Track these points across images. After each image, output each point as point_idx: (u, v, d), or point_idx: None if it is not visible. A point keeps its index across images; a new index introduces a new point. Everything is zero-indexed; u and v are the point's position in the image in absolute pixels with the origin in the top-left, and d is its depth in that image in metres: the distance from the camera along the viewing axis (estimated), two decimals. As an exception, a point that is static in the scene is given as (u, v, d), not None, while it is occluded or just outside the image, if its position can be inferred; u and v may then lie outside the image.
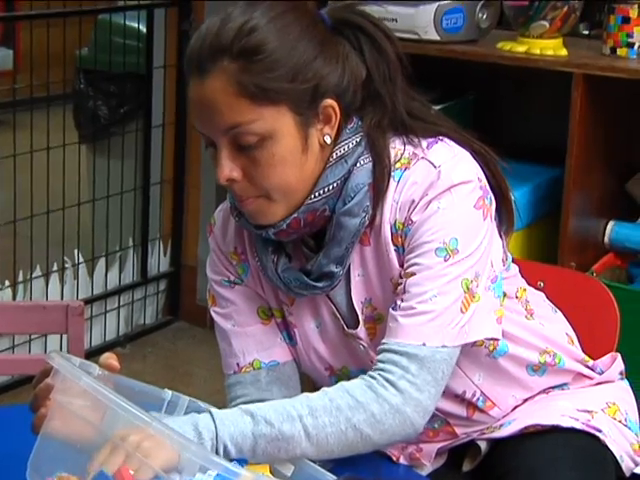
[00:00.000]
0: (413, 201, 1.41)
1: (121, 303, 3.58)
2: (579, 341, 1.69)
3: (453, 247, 1.40)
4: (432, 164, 1.42)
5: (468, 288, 1.41)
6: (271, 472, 1.32)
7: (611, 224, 2.77)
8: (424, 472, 1.56)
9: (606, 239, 2.77)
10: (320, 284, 1.45)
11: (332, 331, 1.51)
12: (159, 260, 3.71)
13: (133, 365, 3.31)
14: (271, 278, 1.48)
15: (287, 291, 1.48)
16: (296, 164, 1.40)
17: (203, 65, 1.36)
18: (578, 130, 2.52)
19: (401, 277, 1.43)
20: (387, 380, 1.37)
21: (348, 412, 1.35)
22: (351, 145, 1.43)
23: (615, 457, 1.56)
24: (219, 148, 1.38)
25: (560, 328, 1.65)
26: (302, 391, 1.51)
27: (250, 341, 1.53)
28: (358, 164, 1.43)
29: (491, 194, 1.46)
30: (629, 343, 1.92)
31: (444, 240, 1.40)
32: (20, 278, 3.25)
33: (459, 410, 1.56)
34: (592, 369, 1.68)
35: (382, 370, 1.38)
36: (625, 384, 1.72)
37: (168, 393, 1.41)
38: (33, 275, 3.27)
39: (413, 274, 1.40)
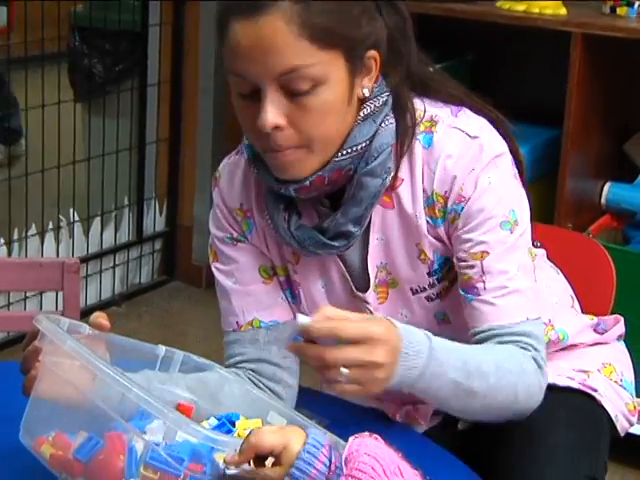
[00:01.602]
0: (455, 176, 1.40)
1: (116, 262, 3.57)
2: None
3: (514, 219, 1.42)
4: (467, 134, 1.41)
5: (532, 256, 1.44)
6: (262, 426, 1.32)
7: (608, 185, 2.77)
8: (420, 430, 1.56)
9: (603, 200, 2.77)
10: (336, 243, 1.43)
11: (339, 292, 1.51)
12: (155, 220, 3.70)
13: (129, 324, 3.31)
14: (283, 236, 1.46)
15: (300, 249, 1.46)
16: (341, 115, 1.38)
17: (258, 4, 1.31)
18: (577, 91, 2.51)
19: (459, 260, 1.42)
20: (533, 357, 1.39)
21: (518, 378, 1.37)
22: (378, 104, 1.41)
23: (610, 417, 1.57)
24: (265, 94, 1.33)
25: (564, 288, 1.65)
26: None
27: (250, 300, 1.52)
28: (383, 124, 1.41)
29: None
30: (624, 304, 1.92)
31: (505, 213, 1.41)
32: (15, 236, 3.24)
33: None
34: (594, 329, 1.68)
35: (519, 344, 1.39)
36: (621, 345, 1.73)
37: (162, 349, 1.40)
38: (28, 233, 3.26)
39: (486, 253, 1.40)
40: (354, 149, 1.39)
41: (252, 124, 1.36)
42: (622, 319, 1.73)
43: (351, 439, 1.11)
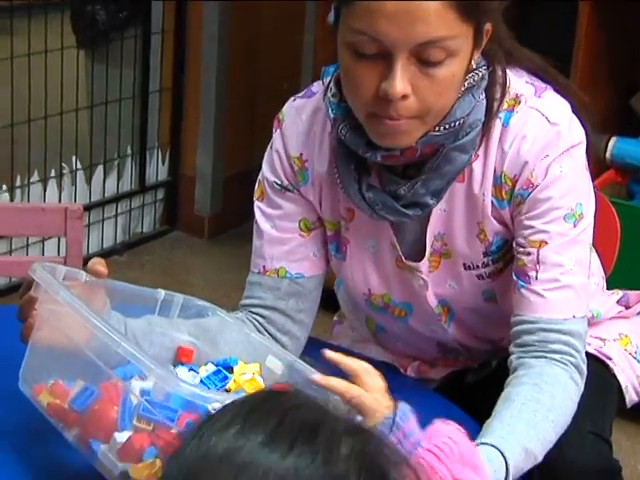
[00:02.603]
0: (527, 162, 1.39)
1: (119, 211, 3.57)
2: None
3: (579, 212, 1.40)
4: (547, 119, 1.39)
5: (591, 250, 1.43)
6: (260, 370, 1.32)
7: (613, 140, 2.75)
8: (431, 385, 1.58)
9: (608, 155, 2.75)
10: (409, 212, 1.42)
11: (387, 259, 1.51)
12: (157, 169, 3.68)
13: (130, 273, 3.31)
14: (352, 196, 1.44)
15: (370, 212, 1.44)
16: (459, 87, 1.36)
17: None
18: (584, 45, 2.49)
19: (518, 244, 1.41)
20: (574, 365, 1.39)
21: (569, 416, 1.37)
22: (477, 77, 1.38)
23: (620, 387, 1.58)
24: (397, 60, 1.29)
25: (599, 270, 1.65)
26: (317, 306, 1.55)
27: (283, 249, 1.51)
28: (479, 99, 1.39)
29: None
30: (627, 259, 1.92)
31: (571, 206, 1.40)
32: (17, 183, 3.23)
33: (488, 349, 1.59)
34: (619, 303, 1.69)
35: (563, 354, 1.39)
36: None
37: (161, 293, 1.40)
38: (31, 180, 3.25)
39: (545, 242, 1.39)
40: (452, 125, 1.37)
41: (367, 86, 1.32)
42: None
43: (437, 421, 1.12)
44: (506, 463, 1.24)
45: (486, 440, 1.25)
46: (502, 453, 1.24)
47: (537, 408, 1.32)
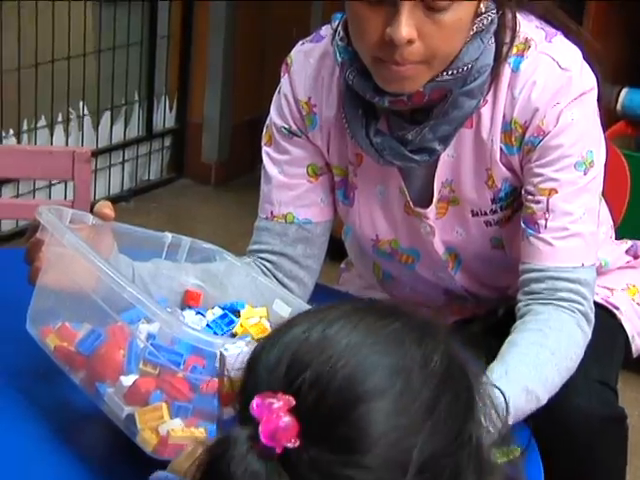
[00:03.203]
0: (538, 108, 1.37)
1: (126, 158, 3.56)
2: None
3: (590, 160, 1.39)
4: (558, 64, 1.38)
5: (600, 200, 1.42)
6: (268, 314, 1.32)
7: (624, 91, 2.73)
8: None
9: (618, 106, 2.73)
10: (417, 157, 1.41)
11: (394, 204, 1.50)
12: (164, 116, 3.67)
13: (137, 220, 3.27)
14: (359, 142, 1.44)
15: (377, 157, 1.43)
16: (466, 32, 1.34)
17: None
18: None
19: (527, 192, 1.40)
20: (582, 313, 1.39)
21: (574, 362, 1.36)
22: (486, 21, 1.36)
23: (627, 337, 1.58)
24: (402, 5, 1.28)
25: (607, 218, 1.64)
26: (325, 253, 1.54)
27: (290, 194, 1.51)
28: (487, 44, 1.37)
29: None
30: (636, 210, 1.92)
31: (582, 154, 1.38)
32: (24, 127, 3.21)
33: (494, 297, 1.59)
34: (626, 251, 1.68)
35: (571, 301, 1.38)
36: None
37: (168, 236, 1.40)
38: (38, 125, 3.23)
39: (554, 191, 1.38)
40: (460, 69, 1.35)
41: (373, 31, 1.31)
42: None
43: None
44: (505, 401, 1.24)
45: None
46: (501, 391, 1.24)
47: (541, 351, 1.32)
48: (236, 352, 0.80)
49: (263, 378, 0.74)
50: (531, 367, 1.29)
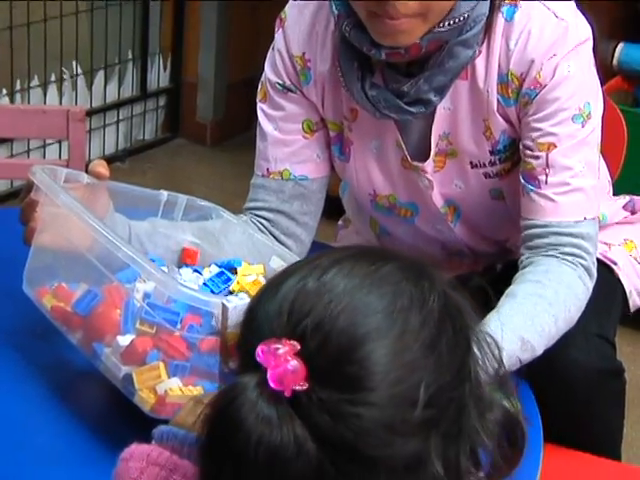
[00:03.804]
0: (534, 60, 1.36)
1: (120, 117, 3.54)
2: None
3: (587, 112, 1.38)
4: (554, 14, 1.36)
5: (599, 152, 1.41)
6: (264, 271, 1.31)
7: (621, 46, 2.72)
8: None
9: (615, 61, 2.72)
10: (413, 109, 1.40)
11: (391, 159, 1.49)
12: (159, 75, 3.64)
13: (132, 180, 3.24)
14: (355, 95, 1.43)
15: (372, 110, 1.43)
16: None
17: None
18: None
19: (525, 147, 1.40)
20: (584, 267, 1.39)
21: (574, 314, 1.36)
22: None
23: (625, 292, 1.58)
24: None
25: (605, 173, 1.64)
26: (322, 209, 1.54)
27: (286, 151, 1.51)
28: None
29: None
30: (633, 166, 1.91)
31: (579, 106, 1.38)
32: (17, 87, 3.19)
33: (493, 251, 1.59)
34: (624, 206, 1.68)
35: (574, 256, 1.38)
36: None
37: (164, 194, 1.40)
38: (31, 84, 3.21)
39: (553, 145, 1.38)
40: (457, 20, 1.34)
41: None
42: None
43: None
44: (498, 347, 1.24)
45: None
46: (494, 338, 1.24)
47: (538, 302, 1.32)
48: (239, 304, 0.80)
49: (265, 327, 0.74)
50: (527, 317, 1.29)
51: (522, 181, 1.41)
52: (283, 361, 0.71)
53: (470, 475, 0.76)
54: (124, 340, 1.17)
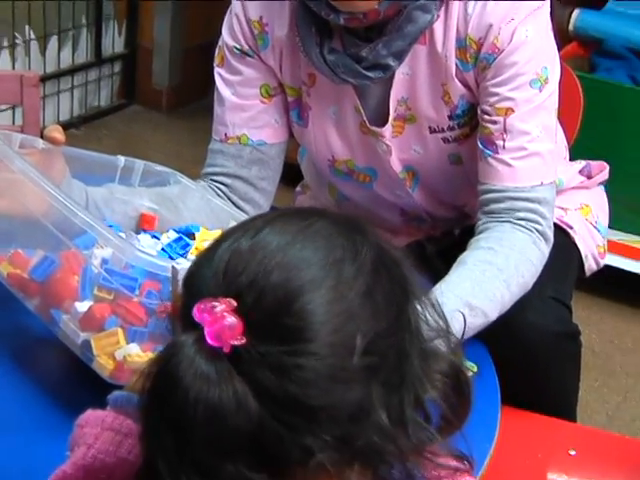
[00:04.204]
0: (492, 25, 1.36)
1: (75, 84, 3.49)
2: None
3: (545, 76, 1.39)
4: None
5: (556, 117, 1.42)
6: None
7: (577, 12, 2.72)
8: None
9: (571, 27, 2.73)
10: (371, 74, 1.40)
11: (350, 124, 1.49)
12: (114, 40, 3.60)
13: (88, 147, 3.15)
14: (313, 60, 1.42)
15: (331, 75, 1.42)
16: None
17: None
18: None
19: (483, 112, 1.40)
20: (540, 232, 1.39)
21: (527, 278, 1.36)
22: None
23: (581, 256, 1.60)
24: None
25: (562, 137, 1.64)
26: (280, 175, 1.54)
27: (244, 116, 1.50)
28: None
29: None
30: (589, 131, 1.93)
31: (536, 71, 1.38)
32: (-31, 53, 3.15)
33: (451, 216, 1.59)
34: (580, 171, 1.69)
35: (529, 221, 1.39)
36: (601, 190, 1.75)
37: (121, 160, 1.39)
38: (-18, 51, 3.17)
39: (511, 110, 1.38)
40: None
41: None
42: (607, 167, 1.74)
43: None
44: (440, 309, 1.25)
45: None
46: (436, 299, 1.25)
47: (487, 268, 1.32)
48: (188, 266, 0.80)
49: (201, 289, 0.74)
50: (474, 283, 1.30)
51: (480, 146, 1.42)
52: (220, 317, 0.71)
53: (420, 428, 0.77)
54: (82, 306, 1.16)
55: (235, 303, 0.72)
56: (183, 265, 0.84)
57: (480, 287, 1.30)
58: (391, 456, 0.75)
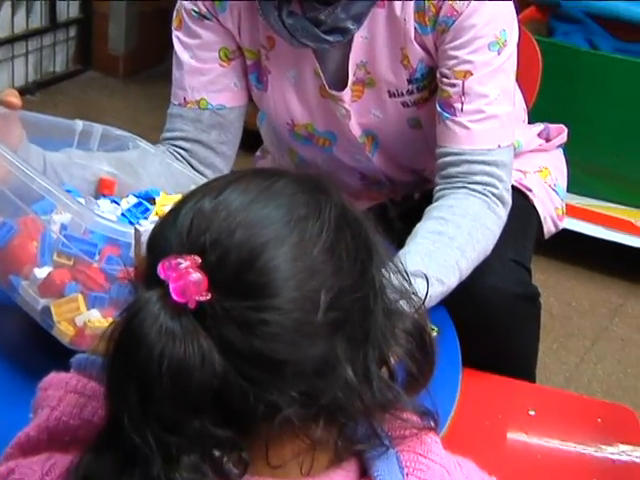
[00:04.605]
0: None
1: (29, 49, 3.45)
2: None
3: (503, 39, 1.39)
4: None
5: (515, 80, 1.42)
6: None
7: (535, -25, 2.73)
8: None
9: (528, -9, 2.73)
10: (330, 38, 1.40)
11: (309, 88, 1.48)
12: (68, 5, 3.55)
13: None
14: (272, 23, 1.41)
15: (290, 39, 1.41)
16: None
17: None
18: None
19: (442, 75, 1.39)
20: (496, 196, 1.39)
21: (484, 243, 1.36)
22: None
23: (540, 218, 1.60)
24: None
25: (520, 100, 1.65)
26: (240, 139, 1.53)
27: (203, 80, 1.49)
28: None
29: None
30: (547, 94, 1.93)
31: (495, 33, 1.38)
32: None
33: (411, 180, 1.59)
34: (538, 134, 1.70)
35: (486, 185, 1.39)
36: (560, 153, 1.75)
37: (79, 124, 1.38)
38: None
39: (469, 73, 1.38)
40: None
41: None
42: (565, 130, 1.75)
43: None
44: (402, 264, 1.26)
45: None
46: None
47: (437, 239, 1.33)
48: (151, 227, 0.79)
49: (165, 248, 0.74)
50: (423, 255, 1.30)
51: (438, 109, 1.42)
52: (185, 273, 0.71)
53: (385, 385, 0.77)
54: (41, 272, 1.16)
55: (200, 260, 0.72)
56: (146, 227, 0.83)
57: (430, 257, 1.30)
58: (356, 412, 0.76)
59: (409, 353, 0.80)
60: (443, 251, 1.31)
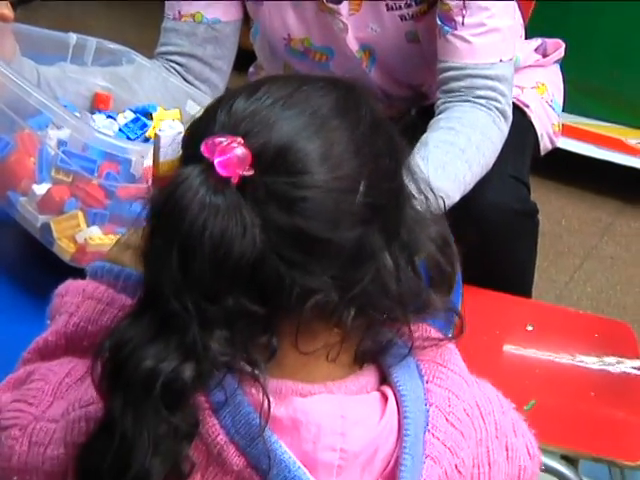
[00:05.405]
0: None
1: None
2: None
3: None
4: None
5: None
6: (180, 115, 1.28)
7: None
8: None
9: None
10: None
11: (306, 1, 1.46)
12: None
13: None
14: None
15: None
16: None
17: None
18: None
19: None
20: (499, 110, 1.39)
21: (488, 158, 1.36)
22: None
23: (537, 135, 1.60)
24: None
25: (518, 15, 1.62)
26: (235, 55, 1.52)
27: None
28: None
29: None
30: (544, 9, 1.92)
31: None
32: None
33: (408, 96, 1.58)
34: (536, 49, 1.69)
35: (489, 99, 1.38)
36: (557, 68, 1.74)
37: (73, 37, 1.35)
38: None
39: None
40: None
41: None
42: (563, 45, 1.73)
43: None
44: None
45: None
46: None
47: (449, 150, 1.32)
48: (172, 133, 0.78)
49: (207, 130, 0.74)
50: (437, 167, 1.30)
51: (439, 22, 1.40)
52: (229, 148, 0.71)
53: (414, 283, 0.78)
54: (40, 189, 1.14)
55: (242, 141, 0.72)
56: (167, 132, 0.82)
57: (443, 169, 1.29)
58: (385, 307, 0.77)
59: (434, 259, 0.81)
60: (454, 164, 1.31)
